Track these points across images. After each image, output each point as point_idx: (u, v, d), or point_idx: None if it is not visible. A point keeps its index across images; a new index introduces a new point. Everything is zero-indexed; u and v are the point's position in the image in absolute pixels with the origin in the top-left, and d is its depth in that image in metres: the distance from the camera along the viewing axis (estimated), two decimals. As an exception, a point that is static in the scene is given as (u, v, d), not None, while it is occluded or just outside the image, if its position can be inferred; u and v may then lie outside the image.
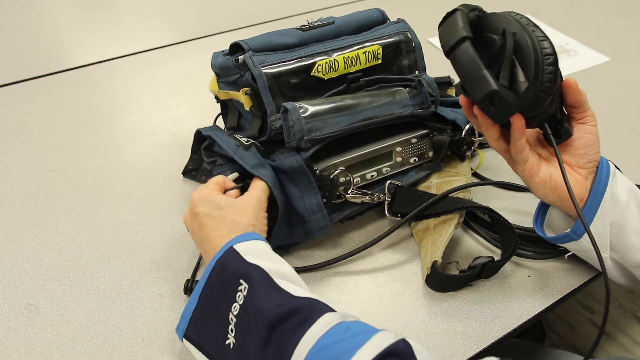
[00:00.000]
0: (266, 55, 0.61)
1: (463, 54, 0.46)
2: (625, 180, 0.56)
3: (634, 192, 0.55)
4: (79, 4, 1.27)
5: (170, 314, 0.58)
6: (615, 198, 0.53)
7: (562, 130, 0.53)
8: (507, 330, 0.56)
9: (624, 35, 1.12)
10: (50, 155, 0.80)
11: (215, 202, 0.55)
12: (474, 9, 0.49)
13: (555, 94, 0.49)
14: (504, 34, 0.47)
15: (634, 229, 0.53)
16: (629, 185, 0.55)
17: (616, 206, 0.53)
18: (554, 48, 0.46)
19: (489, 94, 0.45)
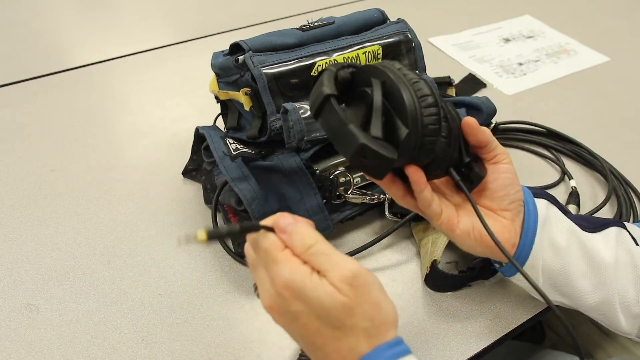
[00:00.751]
0: (266, 56, 0.61)
1: (327, 112, 0.42)
2: (564, 220, 0.50)
3: (575, 232, 0.50)
4: (79, 4, 1.26)
5: (170, 314, 0.58)
6: (553, 245, 0.49)
7: (472, 174, 0.47)
8: (507, 330, 0.56)
9: (624, 35, 1.12)
10: (50, 155, 0.80)
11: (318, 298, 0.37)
12: (346, 67, 0.45)
13: (452, 137, 0.44)
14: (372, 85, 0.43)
15: (580, 273, 0.49)
16: (567, 226, 0.50)
17: (557, 253, 0.49)
18: (431, 88, 0.42)
19: (357, 149, 0.40)
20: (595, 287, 0.49)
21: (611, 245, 0.49)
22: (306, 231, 0.38)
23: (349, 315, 0.37)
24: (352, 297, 0.36)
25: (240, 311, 0.58)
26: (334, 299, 0.36)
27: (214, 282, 0.61)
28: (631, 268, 0.49)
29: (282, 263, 0.37)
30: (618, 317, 0.50)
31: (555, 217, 0.50)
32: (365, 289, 0.37)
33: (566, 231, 0.49)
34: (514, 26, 1.15)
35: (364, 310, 0.37)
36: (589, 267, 0.49)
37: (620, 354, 1.16)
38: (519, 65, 1.02)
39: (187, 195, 0.72)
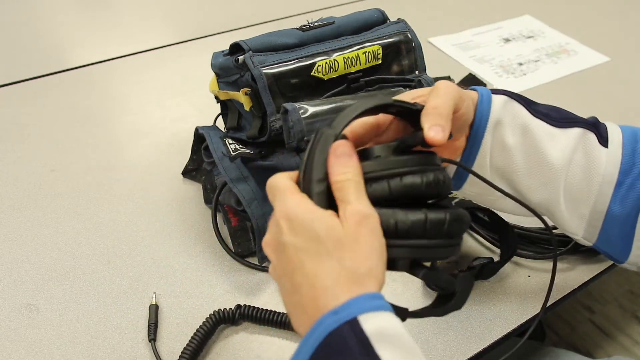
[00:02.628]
0: (266, 56, 0.61)
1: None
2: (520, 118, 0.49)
3: (529, 131, 0.48)
4: (79, 4, 1.26)
5: (170, 313, 0.58)
6: (502, 144, 0.48)
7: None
8: (507, 330, 0.56)
9: (624, 35, 1.12)
10: (50, 155, 0.80)
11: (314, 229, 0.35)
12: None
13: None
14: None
15: (526, 171, 0.49)
16: (522, 124, 0.48)
17: (503, 151, 0.48)
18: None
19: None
20: (539, 186, 0.49)
21: (568, 145, 0.48)
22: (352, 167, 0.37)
23: (339, 249, 0.34)
24: (351, 234, 0.34)
25: (240, 311, 0.58)
26: (331, 229, 0.35)
27: (214, 282, 0.61)
28: (583, 170, 0.48)
29: (290, 198, 0.37)
30: (562, 216, 0.50)
31: (510, 116, 0.48)
32: (368, 232, 0.35)
33: (519, 130, 0.48)
34: (514, 26, 1.15)
35: (356, 251, 0.34)
36: (535, 166, 0.48)
37: (620, 354, 1.16)
38: (519, 65, 1.02)
39: (187, 195, 0.72)
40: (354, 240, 0.34)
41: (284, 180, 0.38)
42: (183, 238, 0.66)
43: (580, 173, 0.48)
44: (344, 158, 0.37)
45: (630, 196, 0.47)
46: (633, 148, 0.49)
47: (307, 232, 0.35)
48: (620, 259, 0.51)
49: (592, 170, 0.48)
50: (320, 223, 0.35)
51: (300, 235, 0.35)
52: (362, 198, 0.36)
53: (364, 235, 0.35)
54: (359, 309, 0.33)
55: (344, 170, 0.37)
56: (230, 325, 0.57)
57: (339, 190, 0.36)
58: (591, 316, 1.24)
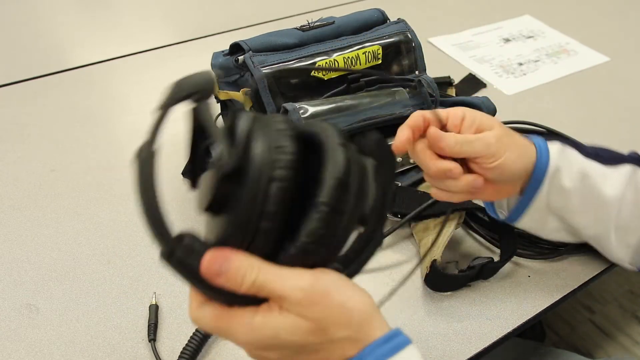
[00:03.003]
0: (266, 56, 0.61)
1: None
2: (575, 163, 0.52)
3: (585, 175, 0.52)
4: (79, 4, 1.26)
5: (170, 313, 0.58)
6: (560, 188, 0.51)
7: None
8: (507, 330, 0.56)
9: (624, 35, 1.12)
10: (50, 155, 0.80)
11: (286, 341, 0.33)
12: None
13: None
14: None
15: (581, 210, 0.53)
16: (579, 169, 0.52)
17: (561, 194, 0.52)
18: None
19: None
20: (593, 222, 0.53)
21: (620, 182, 0.52)
22: (241, 264, 0.32)
23: (323, 335, 0.33)
24: (317, 316, 0.32)
25: (240, 311, 0.58)
26: (300, 331, 0.32)
27: (214, 282, 0.61)
28: (633, 204, 0.52)
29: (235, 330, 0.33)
30: (611, 247, 0.54)
31: (567, 162, 0.51)
32: (325, 299, 0.33)
33: (576, 174, 0.51)
34: (514, 26, 1.15)
35: (334, 322, 0.33)
36: (590, 204, 0.52)
37: (620, 353, 1.16)
38: (519, 65, 1.02)
39: (187, 195, 0.72)
40: (322, 320, 0.33)
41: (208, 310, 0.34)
42: (183, 238, 0.66)
43: (631, 207, 0.52)
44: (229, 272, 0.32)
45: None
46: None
47: (284, 345, 0.33)
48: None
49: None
50: (287, 333, 0.32)
51: (280, 349, 0.33)
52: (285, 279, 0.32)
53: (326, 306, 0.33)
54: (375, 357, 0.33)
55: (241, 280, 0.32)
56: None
57: (259, 292, 0.32)
58: (591, 316, 1.24)
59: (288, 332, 0.32)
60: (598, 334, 1.21)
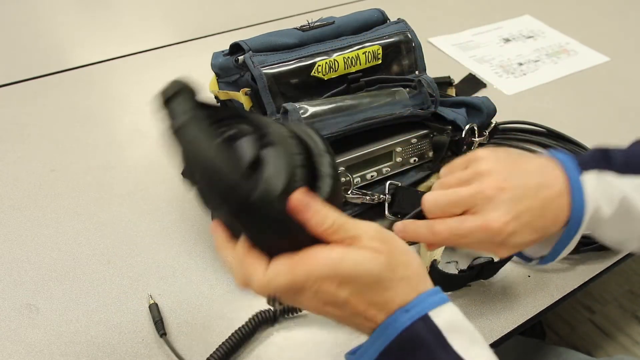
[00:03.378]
0: (266, 56, 0.61)
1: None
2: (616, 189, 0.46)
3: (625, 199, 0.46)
4: (79, 4, 1.26)
5: (170, 314, 0.58)
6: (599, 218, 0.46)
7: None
8: (507, 330, 0.56)
9: (624, 35, 1.12)
10: (50, 155, 0.80)
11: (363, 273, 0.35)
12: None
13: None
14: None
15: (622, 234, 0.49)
16: (619, 196, 0.46)
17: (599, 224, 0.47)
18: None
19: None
20: (624, 236, 0.49)
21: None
22: (321, 205, 0.35)
23: (393, 271, 0.36)
24: (388, 250, 0.36)
25: (240, 311, 0.58)
26: (378, 263, 0.35)
27: (214, 282, 0.61)
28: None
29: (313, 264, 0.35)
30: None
31: (606, 194, 0.46)
32: (393, 240, 0.37)
33: (616, 203, 0.46)
34: (514, 26, 1.15)
35: (401, 261, 0.36)
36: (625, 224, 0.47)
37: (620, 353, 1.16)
38: (519, 65, 1.02)
39: (187, 195, 0.72)
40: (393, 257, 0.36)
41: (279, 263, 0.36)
42: (183, 238, 0.66)
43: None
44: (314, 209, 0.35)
45: None
46: None
47: (361, 277, 0.35)
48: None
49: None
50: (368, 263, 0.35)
51: (356, 283, 0.35)
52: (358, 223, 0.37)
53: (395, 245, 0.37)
54: (428, 305, 0.36)
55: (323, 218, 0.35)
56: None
57: (336, 232, 0.36)
58: (591, 316, 1.24)
59: (367, 262, 0.35)
60: (598, 334, 1.21)
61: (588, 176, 0.46)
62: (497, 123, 0.75)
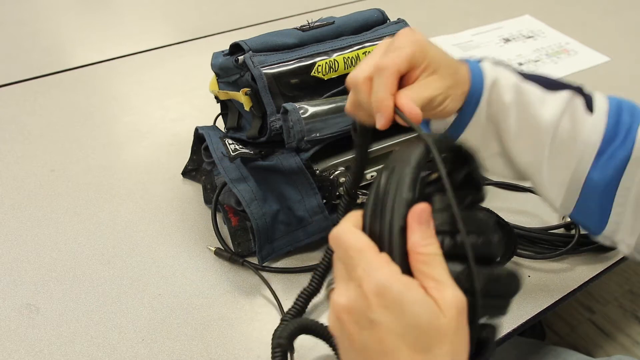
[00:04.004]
0: (266, 56, 0.61)
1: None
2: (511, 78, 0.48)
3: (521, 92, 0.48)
4: (79, 4, 1.26)
5: (170, 314, 0.58)
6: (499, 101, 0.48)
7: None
8: (507, 330, 0.56)
9: (624, 35, 1.12)
10: (50, 155, 0.80)
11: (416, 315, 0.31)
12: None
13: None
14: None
15: (516, 133, 0.49)
16: (514, 83, 0.48)
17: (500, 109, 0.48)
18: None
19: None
20: (528, 147, 0.49)
21: (557, 108, 0.48)
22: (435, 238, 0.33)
23: (440, 343, 0.31)
24: (454, 325, 0.31)
25: (240, 311, 0.58)
26: (436, 318, 0.31)
27: (214, 282, 0.61)
28: (568, 134, 0.48)
29: (378, 266, 0.32)
30: (544, 181, 0.50)
31: (504, 77, 0.48)
32: (464, 322, 0.32)
33: (513, 89, 0.48)
34: (514, 26, 1.15)
35: (455, 344, 0.32)
36: (526, 127, 0.48)
37: (620, 353, 1.16)
38: (519, 65, 1.02)
39: (187, 195, 0.72)
40: (454, 333, 0.31)
41: (360, 237, 0.34)
42: (183, 238, 0.66)
43: (565, 137, 0.48)
44: (427, 227, 0.33)
45: (610, 165, 0.47)
46: (617, 118, 0.49)
47: (406, 315, 0.31)
48: (597, 231, 0.51)
49: (576, 136, 0.48)
50: (423, 308, 0.31)
51: (397, 317, 0.31)
52: (451, 278, 0.32)
53: (463, 327, 0.32)
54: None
55: (428, 241, 0.33)
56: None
57: (426, 264, 0.32)
58: (591, 316, 1.24)
59: (427, 309, 0.31)
60: (598, 334, 1.21)
61: (485, 62, 0.49)
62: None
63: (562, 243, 0.63)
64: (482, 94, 0.47)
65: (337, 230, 0.35)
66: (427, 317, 0.31)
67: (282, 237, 0.62)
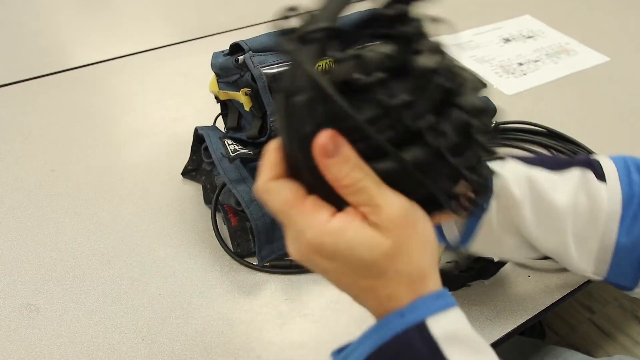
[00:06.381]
0: (266, 56, 0.61)
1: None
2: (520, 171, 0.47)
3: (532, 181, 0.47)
4: (79, 4, 1.26)
5: (170, 314, 0.58)
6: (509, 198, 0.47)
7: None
8: (507, 330, 0.56)
9: (624, 35, 1.12)
10: (50, 155, 0.80)
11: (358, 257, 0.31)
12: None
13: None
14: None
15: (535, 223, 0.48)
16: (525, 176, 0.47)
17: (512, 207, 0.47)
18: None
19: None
20: (549, 234, 0.48)
21: (570, 188, 0.48)
22: (352, 158, 0.30)
23: (392, 262, 0.31)
24: (398, 239, 0.31)
25: (240, 311, 0.58)
26: (377, 249, 0.31)
27: (214, 282, 0.61)
28: (588, 210, 0.47)
29: (306, 224, 0.31)
30: (572, 258, 0.49)
31: (511, 171, 0.47)
32: (413, 228, 0.32)
33: (524, 182, 0.47)
34: (514, 26, 1.15)
35: (409, 254, 0.31)
36: (543, 215, 0.47)
37: (620, 353, 1.16)
38: (519, 65, 1.02)
39: (187, 195, 0.72)
40: (401, 246, 0.31)
41: (279, 193, 0.32)
42: (183, 238, 0.66)
43: (586, 214, 0.48)
44: (338, 157, 0.30)
45: (636, 225, 0.47)
46: (629, 179, 0.48)
47: (347, 259, 0.31)
48: (631, 287, 0.51)
49: (596, 209, 0.48)
50: (361, 246, 0.31)
51: (341, 263, 0.31)
52: (387, 193, 0.31)
53: (412, 234, 0.32)
54: (426, 311, 0.32)
55: (346, 171, 0.30)
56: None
57: (354, 193, 0.31)
58: (591, 316, 1.24)
59: (364, 246, 0.31)
60: (598, 334, 1.21)
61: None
62: (497, 123, 0.76)
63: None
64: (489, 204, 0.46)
65: (258, 187, 0.34)
66: (368, 251, 0.31)
67: (282, 238, 0.62)
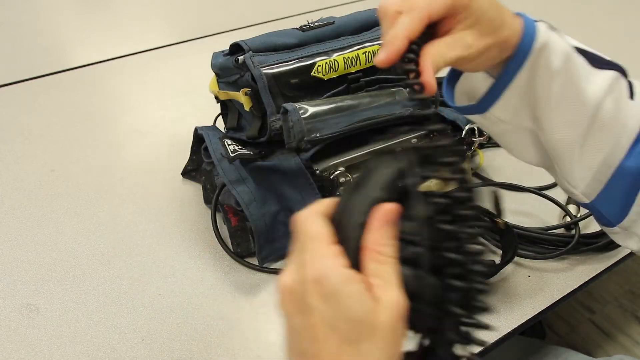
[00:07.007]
0: (266, 56, 0.61)
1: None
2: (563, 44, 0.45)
3: (571, 60, 0.45)
4: (79, 4, 1.27)
5: (170, 314, 0.58)
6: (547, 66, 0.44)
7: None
8: (507, 330, 0.56)
9: (624, 35, 1.12)
10: (50, 155, 0.80)
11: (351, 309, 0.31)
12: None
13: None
14: None
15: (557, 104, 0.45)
16: (565, 51, 0.45)
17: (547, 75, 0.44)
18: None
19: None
20: (564, 123, 0.46)
21: (603, 86, 0.45)
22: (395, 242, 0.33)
23: (370, 338, 0.31)
24: (388, 325, 0.31)
25: (240, 311, 0.58)
26: (369, 314, 0.31)
27: (214, 282, 0.61)
28: (609, 116, 0.45)
29: (324, 255, 0.32)
30: (571, 163, 0.47)
31: (555, 41, 0.45)
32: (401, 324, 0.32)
33: (563, 57, 0.44)
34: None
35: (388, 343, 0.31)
36: (568, 100, 0.45)
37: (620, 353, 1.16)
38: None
39: (187, 195, 0.72)
40: (388, 332, 0.31)
41: (318, 224, 0.34)
42: (183, 238, 0.66)
43: (606, 118, 0.45)
44: (388, 228, 0.33)
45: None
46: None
47: (340, 307, 0.31)
48: (614, 221, 0.48)
49: (617, 119, 0.45)
50: (358, 303, 0.31)
51: (331, 307, 0.31)
52: (398, 284, 0.32)
53: (399, 329, 0.32)
54: None
55: (385, 242, 0.32)
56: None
57: (376, 262, 0.32)
58: (591, 316, 1.24)
59: (363, 304, 0.31)
60: (598, 334, 1.21)
61: (541, 23, 0.46)
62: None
63: (562, 243, 0.63)
64: (528, 57, 0.44)
65: (300, 214, 0.35)
66: (361, 312, 0.31)
67: (282, 238, 0.62)
